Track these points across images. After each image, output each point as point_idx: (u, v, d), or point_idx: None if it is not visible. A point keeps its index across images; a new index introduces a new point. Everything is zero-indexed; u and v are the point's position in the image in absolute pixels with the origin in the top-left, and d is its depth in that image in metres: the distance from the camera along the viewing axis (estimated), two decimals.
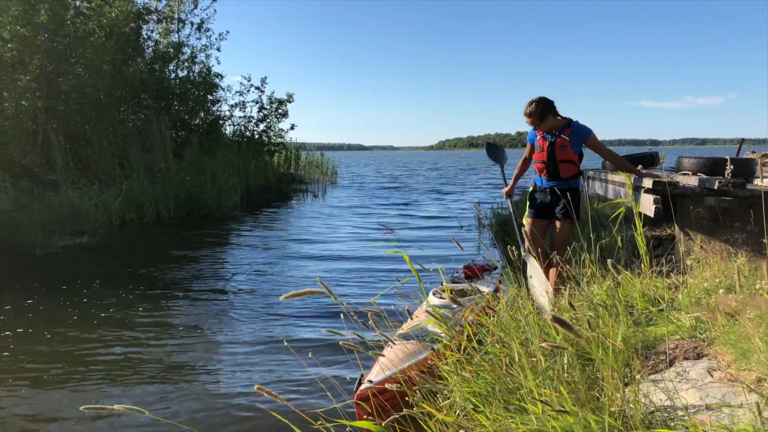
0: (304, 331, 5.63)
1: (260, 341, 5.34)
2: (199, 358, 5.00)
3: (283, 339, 5.21)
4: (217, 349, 5.24)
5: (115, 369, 4.72)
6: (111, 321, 5.98)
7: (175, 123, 18.85)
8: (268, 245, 10.85)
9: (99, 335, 5.54)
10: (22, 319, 6.03)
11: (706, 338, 2.93)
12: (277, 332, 5.56)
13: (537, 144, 4.91)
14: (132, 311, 6.31)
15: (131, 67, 17.15)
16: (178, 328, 5.79)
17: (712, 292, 3.41)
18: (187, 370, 4.73)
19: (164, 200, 14.05)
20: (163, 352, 5.10)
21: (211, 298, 6.97)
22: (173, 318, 6.13)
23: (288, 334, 5.51)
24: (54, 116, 14.65)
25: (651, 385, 2.59)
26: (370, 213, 16.10)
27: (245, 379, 4.45)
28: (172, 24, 19.84)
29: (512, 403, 2.60)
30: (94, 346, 5.24)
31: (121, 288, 7.28)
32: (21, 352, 5.08)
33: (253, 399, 4.03)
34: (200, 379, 4.52)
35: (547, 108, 4.73)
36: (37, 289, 7.22)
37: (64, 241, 10.54)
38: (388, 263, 8.51)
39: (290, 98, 23.11)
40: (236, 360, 4.91)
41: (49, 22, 13.31)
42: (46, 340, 5.41)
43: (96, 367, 4.77)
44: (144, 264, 8.87)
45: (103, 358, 4.94)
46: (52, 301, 6.67)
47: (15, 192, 11.58)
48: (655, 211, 4.57)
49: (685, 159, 5.47)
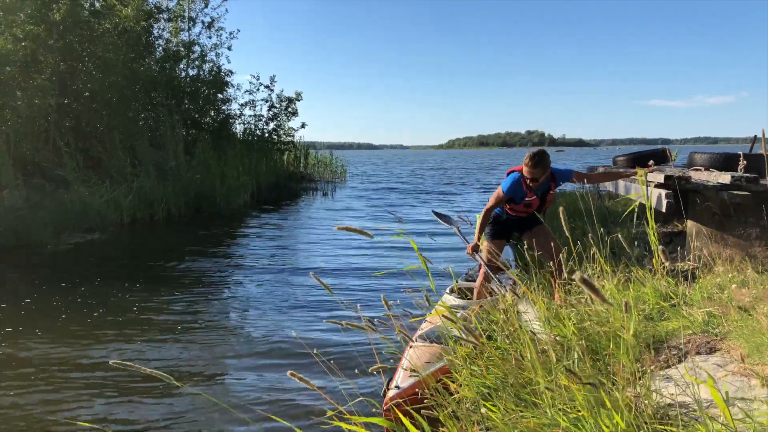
0: (312, 327, 5.63)
1: (271, 339, 5.35)
2: (208, 354, 5.01)
3: (294, 337, 5.21)
4: (227, 345, 5.26)
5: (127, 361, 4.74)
6: (122, 317, 6.01)
7: (186, 121, 18.93)
8: (277, 243, 10.87)
9: (109, 331, 5.57)
10: (34, 314, 6.08)
11: (719, 333, 2.90)
12: (288, 331, 5.56)
13: (525, 201, 4.57)
14: (143, 307, 6.34)
15: (142, 66, 17.25)
16: (189, 324, 5.81)
17: (724, 287, 3.38)
18: (197, 366, 4.74)
19: (175, 198, 14.12)
20: (174, 347, 5.12)
21: (221, 294, 6.99)
22: (183, 314, 6.15)
23: (299, 332, 5.52)
24: (66, 114, 14.75)
25: (663, 379, 2.57)
26: (379, 208, 16.09)
27: (256, 378, 4.46)
28: (183, 22, 19.93)
29: (523, 397, 2.58)
30: (104, 342, 5.26)
31: (132, 285, 7.31)
32: (32, 348, 5.11)
33: (263, 399, 4.04)
34: (209, 378, 4.54)
35: (548, 159, 4.46)
36: (49, 286, 7.27)
37: (75, 239, 10.61)
38: (396, 257, 8.48)
39: (299, 96, 23.17)
40: (246, 355, 4.93)
41: (64, 20, 13.40)
42: (57, 335, 5.44)
43: (104, 362, 4.79)
44: (155, 261, 8.91)
45: (115, 352, 4.97)
46: (63, 298, 6.71)
47: (27, 189, 11.67)
48: (666, 206, 4.53)
49: (698, 154, 5.42)
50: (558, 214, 3.16)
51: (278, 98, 22.78)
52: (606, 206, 7.66)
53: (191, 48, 19.75)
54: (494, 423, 2.42)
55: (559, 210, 3.15)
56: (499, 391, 2.68)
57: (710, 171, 5.02)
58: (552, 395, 2.24)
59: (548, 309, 3.28)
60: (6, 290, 7.07)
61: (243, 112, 22.43)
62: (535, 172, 4.35)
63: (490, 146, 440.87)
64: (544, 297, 3.22)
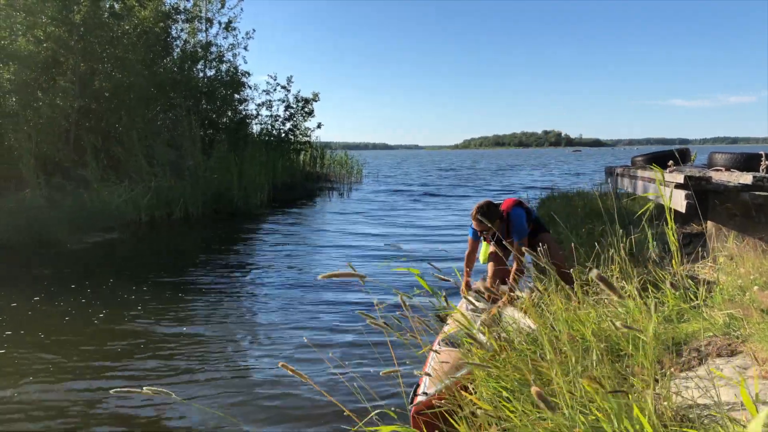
0: (331, 328, 5.65)
1: (287, 338, 5.38)
2: (226, 351, 5.05)
3: (308, 339, 5.23)
4: (243, 342, 5.30)
5: (144, 359, 4.79)
6: (141, 315, 6.07)
7: (203, 122, 19.08)
8: (293, 242, 10.92)
9: (128, 328, 5.63)
10: (52, 311, 6.16)
11: (740, 335, 2.87)
12: (306, 333, 5.59)
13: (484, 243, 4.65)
14: (162, 305, 6.40)
15: (161, 67, 17.42)
16: (206, 321, 5.86)
17: (746, 288, 3.34)
18: (214, 363, 4.78)
19: (192, 197, 14.25)
20: (190, 344, 5.16)
21: (238, 293, 7.04)
22: (201, 311, 6.20)
23: (317, 332, 5.54)
24: (86, 115, 14.94)
25: (683, 381, 2.55)
26: (395, 209, 16.10)
27: (272, 375, 4.48)
28: (200, 23, 20.09)
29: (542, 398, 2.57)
30: (122, 338, 5.32)
31: (151, 283, 7.39)
32: (51, 344, 5.18)
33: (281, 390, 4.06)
34: (228, 373, 4.57)
35: (493, 213, 4.42)
36: (68, 283, 7.37)
37: (94, 237, 10.74)
38: (413, 260, 8.49)
39: (316, 97, 23.25)
40: (263, 352, 4.95)
41: (85, 21, 13.57)
42: (78, 331, 5.52)
43: (125, 359, 4.85)
44: (173, 260, 9.00)
45: (131, 350, 5.02)
46: (84, 295, 6.80)
47: (48, 189, 11.84)
48: (686, 206, 4.48)
49: (718, 154, 5.36)
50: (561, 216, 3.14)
51: (295, 98, 22.91)
52: (624, 207, 7.60)
53: (208, 49, 19.90)
54: (513, 424, 2.41)
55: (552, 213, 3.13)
56: (516, 393, 2.68)
57: (731, 171, 4.96)
58: (571, 396, 2.24)
59: (566, 309, 3.26)
60: (25, 287, 7.17)
61: (260, 112, 22.59)
62: (477, 225, 4.37)
63: (506, 146, 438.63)
64: (561, 298, 3.20)
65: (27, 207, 10.36)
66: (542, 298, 3.34)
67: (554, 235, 5.62)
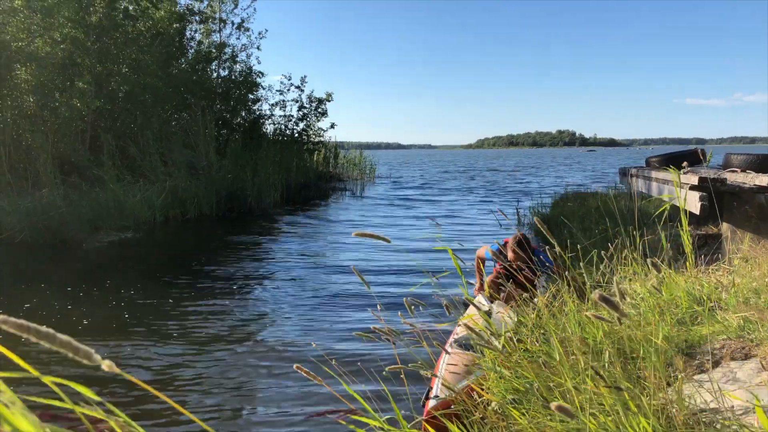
0: (345, 331, 5.66)
1: (301, 343, 5.39)
2: (241, 350, 5.08)
3: (322, 348, 5.24)
4: (258, 341, 5.32)
5: (161, 359, 4.83)
6: (156, 312, 6.13)
7: (217, 122, 19.19)
8: (307, 240, 10.97)
9: (144, 327, 5.68)
10: (68, 309, 6.23)
11: (755, 338, 2.84)
12: (318, 336, 5.61)
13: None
14: (177, 303, 6.46)
15: (176, 68, 17.55)
16: (221, 320, 5.90)
17: (761, 291, 3.30)
18: (228, 362, 4.81)
19: (206, 197, 14.35)
20: (205, 343, 5.21)
21: (253, 291, 7.08)
22: (217, 308, 6.25)
23: (330, 335, 5.55)
24: (102, 115, 15.10)
25: (696, 385, 2.52)
26: (410, 208, 16.09)
27: (286, 385, 4.51)
28: (214, 24, 20.20)
29: (551, 400, 2.56)
30: (139, 336, 5.38)
31: (166, 281, 7.46)
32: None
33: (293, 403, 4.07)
34: (241, 371, 4.60)
35: (530, 247, 4.41)
36: (84, 282, 7.45)
37: (110, 237, 10.86)
38: (430, 260, 8.49)
39: (329, 97, 23.28)
40: (274, 359, 4.98)
41: (101, 22, 13.71)
42: (95, 329, 5.58)
43: (140, 359, 4.89)
44: (188, 258, 9.07)
45: (147, 349, 5.07)
46: (101, 293, 6.88)
47: (64, 188, 11.98)
48: (701, 208, 4.44)
49: (734, 156, 5.30)
50: (566, 218, 3.13)
51: (308, 99, 22.96)
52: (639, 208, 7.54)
53: (222, 49, 20.02)
54: (522, 427, 2.41)
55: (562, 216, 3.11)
56: (527, 395, 2.67)
57: (747, 173, 4.91)
58: (580, 399, 2.23)
59: (578, 311, 3.25)
60: (43, 285, 7.26)
61: (273, 112, 22.67)
62: (513, 256, 4.34)
63: (520, 146, 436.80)
64: (575, 299, 3.19)
65: (44, 206, 10.49)
66: (555, 299, 3.33)
67: (566, 236, 5.59)
